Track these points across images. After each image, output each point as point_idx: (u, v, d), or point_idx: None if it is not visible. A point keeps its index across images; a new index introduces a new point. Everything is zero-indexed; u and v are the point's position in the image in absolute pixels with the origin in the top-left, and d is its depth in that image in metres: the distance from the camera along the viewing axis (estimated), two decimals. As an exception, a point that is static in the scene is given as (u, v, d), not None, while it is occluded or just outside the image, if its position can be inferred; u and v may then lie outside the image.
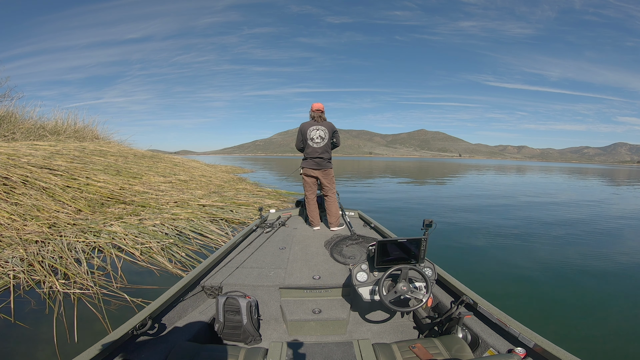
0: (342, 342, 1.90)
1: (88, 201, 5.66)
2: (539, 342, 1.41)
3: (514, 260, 4.28)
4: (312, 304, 2.16)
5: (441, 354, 1.53)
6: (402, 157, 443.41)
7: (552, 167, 59.36)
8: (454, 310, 1.83)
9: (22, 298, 2.82)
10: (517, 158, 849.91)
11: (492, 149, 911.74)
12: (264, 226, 3.67)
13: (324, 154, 3.47)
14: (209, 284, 2.21)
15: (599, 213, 8.23)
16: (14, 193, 5.02)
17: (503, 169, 42.19)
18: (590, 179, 24.63)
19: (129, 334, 1.50)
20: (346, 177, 19.75)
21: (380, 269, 1.96)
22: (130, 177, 7.80)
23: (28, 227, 4.26)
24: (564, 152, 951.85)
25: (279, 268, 2.46)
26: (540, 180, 21.20)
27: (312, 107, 3.49)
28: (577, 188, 15.80)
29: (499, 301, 1.85)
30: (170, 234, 4.60)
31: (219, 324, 1.92)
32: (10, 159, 6.07)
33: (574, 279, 3.71)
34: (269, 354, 1.72)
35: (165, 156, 14.35)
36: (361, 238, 3.09)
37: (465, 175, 25.04)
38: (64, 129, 12.16)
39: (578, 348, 2.17)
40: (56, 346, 2.22)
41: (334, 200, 3.61)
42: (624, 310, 2.99)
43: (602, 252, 4.73)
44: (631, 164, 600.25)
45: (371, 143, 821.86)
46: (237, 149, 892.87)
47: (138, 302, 2.81)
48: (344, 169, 30.33)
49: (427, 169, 37.25)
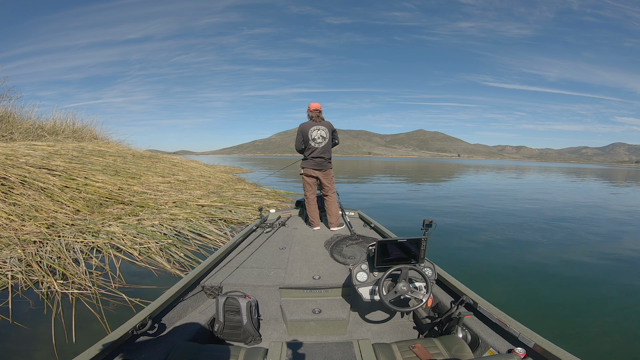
0: (342, 342, 1.90)
1: (86, 201, 5.64)
2: (539, 342, 1.41)
3: (514, 260, 4.29)
4: (312, 304, 2.16)
5: (441, 354, 1.53)
6: (401, 157, 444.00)
7: (550, 167, 59.56)
8: (454, 310, 1.83)
9: (20, 298, 2.81)
10: (516, 158, 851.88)
11: (490, 149, 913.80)
12: (264, 226, 3.67)
13: (325, 153, 3.48)
14: (209, 284, 2.20)
15: (599, 213, 8.25)
16: (12, 193, 5.00)
17: (502, 169, 42.31)
18: (588, 179, 24.72)
19: (128, 334, 1.49)
20: (346, 177, 19.76)
21: (380, 269, 1.96)
22: (128, 178, 7.77)
23: (26, 227, 4.24)
24: (563, 152, 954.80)
25: (279, 268, 2.46)
26: (540, 180, 21.27)
27: (310, 107, 3.47)
28: (576, 188, 15.86)
29: (499, 301, 1.85)
30: (168, 234, 4.58)
31: (219, 324, 1.91)
32: (8, 159, 6.04)
33: (574, 278, 3.71)
34: (269, 354, 1.72)
35: (164, 156, 14.30)
36: (361, 238, 3.09)
37: (465, 175, 25.10)
38: (63, 129, 12.11)
39: (578, 348, 2.17)
40: (54, 346, 2.21)
41: (334, 200, 3.61)
42: (624, 309, 3.00)
43: (602, 252, 4.74)
44: (629, 164, 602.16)
45: (370, 143, 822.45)
46: (236, 149, 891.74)
47: (136, 302, 2.80)
48: (343, 169, 30.35)
49: (426, 169, 37.31)
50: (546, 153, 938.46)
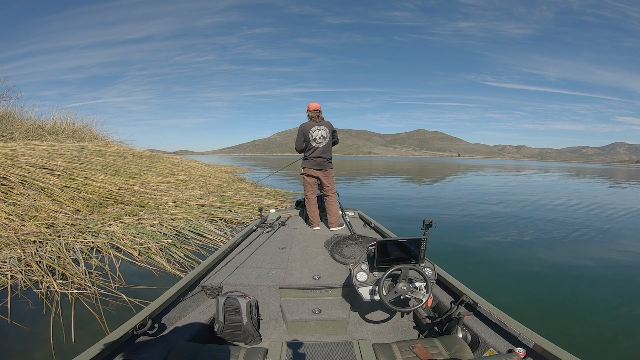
0: (342, 342, 1.90)
1: (86, 201, 5.64)
2: (539, 342, 1.41)
3: (514, 260, 4.29)
4: (312, 304, 2.15)
5: (441, 354, 1.53)
6: (401, 157, 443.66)
7: (551, 167, 59.56)
8: (454, 310, 1.82)
9: (19, 298, 2.81)
10: (516, 158, 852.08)
11: (491, 148, 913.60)
12: (264, 226, 3.67)
13: (326, 153, 3.48)
14: (209, 284, 2.20)
15: (599, 213, 8.25)
16: (12, 193, 4.99)
17: (502, 168, 42.30)
18: (588, 179, 24.73)
19: (129, 334, 1.49)
20: (346, 177, 19.76)
21: (380, 269, 1.96)
22: (128, 177, 7.77)
23: (26, 227, 4.24)
24: (563, 152, 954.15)
25: (279, 268, 2.46)
26: (540, 180, 21.27)
27: (309, 107, 3.48)
28: (576, 188, 15.86)
29: (499, 301, 1.85)
30: (168, 234, 4.58)
31: (219, 324, 1.91)
32: (8, 159, 6.04)
33: (574, 278, 3.71)
34: (269, 354, 1.72)
35: (164, 156, 14.30)
36: (361, 238, 3.09)
37: (465, 175, 25.09)
38: (63, 129, 12.11)
39: (578, 348, 2.17)
40: (53, 346, 2.20)
41: (334, 200, 3.61)
42: (624, 309, 3.00)
43: (602, 252, 4.75)
44: (630, 163, 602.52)
45: (370, 143, 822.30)
46: (236, 149, 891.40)
47: (136, 303, 2.80)
48: (343, 169, 30.35)
49: (427, 168, 37.31)
50: (546, 153, 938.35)
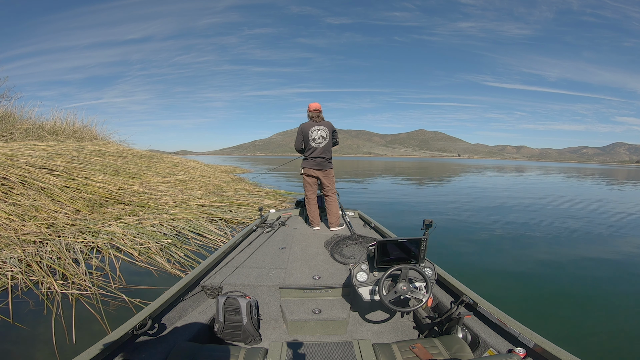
0: (342, 342, 1.90)
1: (86, 201, 5.64)
2: (539, 342, 1.41)
3: (514, 260, 4.28)
4: (312, 304, 2.16)
5: (441, 354, 1.53)
6: (402, 157, 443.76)
7: (551, 167, 59.53)
8: (454, 310, 1.83)
9: (20, 299, 2.81)
10: (516, 158, 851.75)
11: (491, 149, 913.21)
12: (264, 226, 3.67)
13: (325, 153, 3.48)
14: (209, 284, 2.20)
15: (599, 213, 8.25)
16: (12, 193, 5.00)
17: (502, 169, 42.29)
18: (589, 179, 24.71)
19: (129, 334, 1.49)
20: (346, 177, 19.76)
21: (380, 269, 1.96)
22: (129, 177, 7.77)
23: (26, 227, 4.24)
24: (563, 152, 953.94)
25: (279, 268, 2.46)
26: (539, 180, 21.26)
27: (310, 107, 3.48)
28: (577, 188, 15.85)
29: (499, 301, 1.85)
30: (169, 234, 4.58)
31: (219, 324, 1.91)
32: (8, 159, 6.04)
33: (574, 278, 3.71)
34: (269, 354, 1.72)
35: (164, 156, 14.30)
36: (361, 238, 3.09)
37: (465, 175, 25.09)
38: (63, 129, 12.11)
39: (578, 348, 2.17)
40: (55, 347, 2.21)
41: (334, 200, 3.61)
42: (624, 309, 3.00)
43: (602, 252, 4.74)
44: (630, 163, 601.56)
45: (370, 143, 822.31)
46: (236, 149, 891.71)
47: (136, 303, 2.80)
48: (343, 169, 30.34)
49: (427, 169, 37.29)
50: (547, 153, 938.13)
